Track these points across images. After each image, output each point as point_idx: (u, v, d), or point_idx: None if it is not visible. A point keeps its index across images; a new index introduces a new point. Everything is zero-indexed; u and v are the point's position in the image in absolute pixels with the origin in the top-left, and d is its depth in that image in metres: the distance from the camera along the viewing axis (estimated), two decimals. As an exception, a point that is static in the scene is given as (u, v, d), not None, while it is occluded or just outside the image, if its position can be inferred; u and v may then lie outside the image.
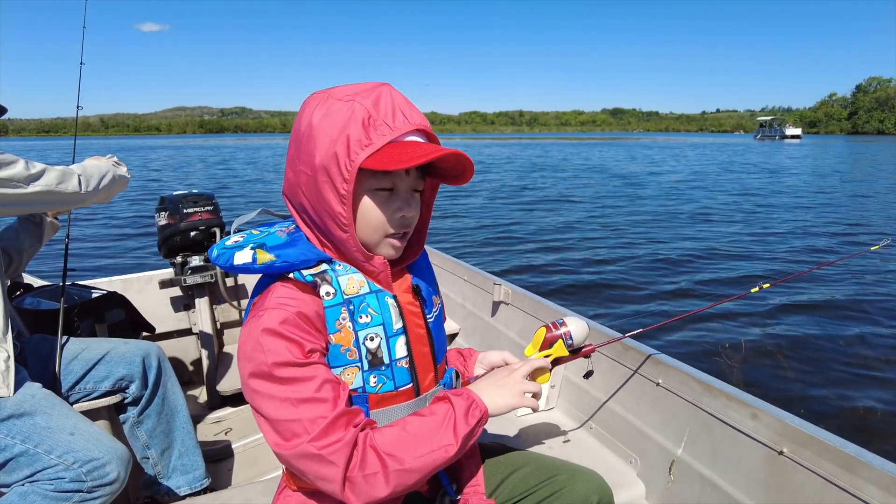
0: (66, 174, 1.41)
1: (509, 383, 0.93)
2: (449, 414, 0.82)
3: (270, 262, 0.79)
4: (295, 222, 0.88)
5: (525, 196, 14.26)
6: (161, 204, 2.37)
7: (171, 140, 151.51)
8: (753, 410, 1.14)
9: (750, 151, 43.92)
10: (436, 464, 0.79)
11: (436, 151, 0.77)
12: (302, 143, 0.79)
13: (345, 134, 0.75)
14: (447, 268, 2.66)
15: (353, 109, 0.76)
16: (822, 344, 4.13)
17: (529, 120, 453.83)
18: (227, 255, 0.81)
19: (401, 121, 0.78)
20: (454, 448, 0.79)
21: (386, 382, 0.84)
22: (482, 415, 0.85)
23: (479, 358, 1.13)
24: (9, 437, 1.20)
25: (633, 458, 1.42)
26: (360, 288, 0.83)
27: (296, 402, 0.74)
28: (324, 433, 0.74)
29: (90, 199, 1.49)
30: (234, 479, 1.93)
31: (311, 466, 0.74)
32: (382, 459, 0.76)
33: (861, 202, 12.70)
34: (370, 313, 0.83)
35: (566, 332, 1.15)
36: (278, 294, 0.79)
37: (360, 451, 0.76)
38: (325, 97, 0.80)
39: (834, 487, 0.97)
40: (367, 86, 0.80)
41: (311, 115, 0.79)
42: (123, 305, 2.06)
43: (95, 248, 7.99)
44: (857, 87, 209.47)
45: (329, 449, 0.73)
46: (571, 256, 7.21)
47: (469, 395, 0.86)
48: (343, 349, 0.81)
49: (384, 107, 0.77)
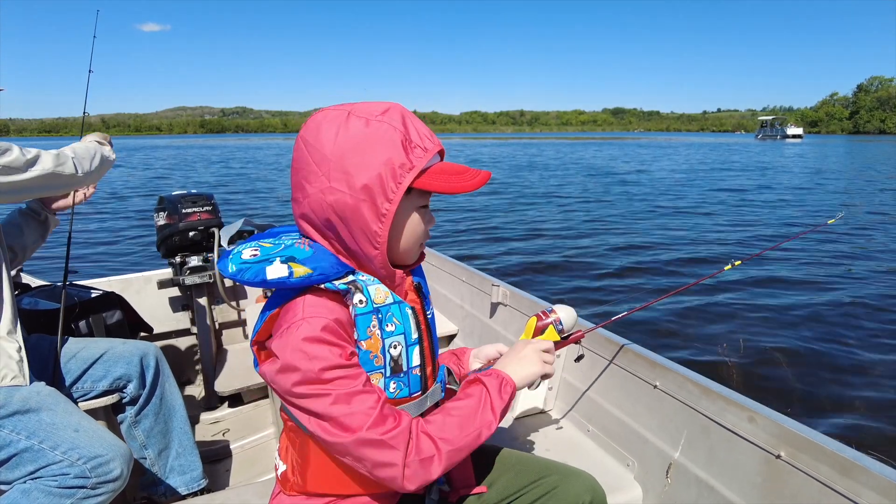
0: (61, 157, 1.40)
1: (529, 354, 1.01)
2: (484, 394, 0.90)
3: (308, 274, 0.79)
4: (298, 234, 0.90)
5: (509, 192, 14.75)
6: (160, 204, 2.37)
7: (171, 140, 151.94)
8: (751, 414, 1.13)
9: (746, 150, 44.22)
10: (480, 440, 0.87)
11: (483, 176, 0.86)
12: (331, 162, 0.79)
13: (387, 156, 0.78)
14: (445, 269, 2.66)
15: (386, 130, 0.79)
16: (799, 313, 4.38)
17: (530, 120, 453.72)
18: (253, 269, 0.79)
19: (429, 143, 0.83)
20: (495, 423, 0.88)
21: (403, 389, 0.88)
22: (512, 389, 0.93)
23: (474, 353, 1.18)
24: (14, 432, 1.21)
25: (630, 461, 1.42)
26: (386, 298, 0.86)
27: (347, 396, 0.77)
28: (381, 420, 0.78)
29: (85, 180, 1.49)
30: (232, 480, 1.93)
31: (372, 453, 0.78)
32: (436, 443, 0.82)
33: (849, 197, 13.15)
34: (394, 322, 0.86)
35: (556, 318, 1.20)
36: (311, 304, 0.80)
37: (414, 437, 0.81)
38: (345, 115, 0.80)
39: (831, 492, 0.97)
40: (381, 105, 0.82)
41: (336, 133, 0.79)
42: (122, 306, 2.06)
43: (94, 248, 8.00)
44: (859, 86, 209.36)
45: (390, 434, 0.78)
46: (549, 250, 7.51)
47: (497, 373, 0.94)
48: (371, 356, 0.84)
49: (412, 129, 0.82)
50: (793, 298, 5.17)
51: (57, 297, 1.76)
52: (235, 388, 2.27)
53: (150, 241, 4.10)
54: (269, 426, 2.20)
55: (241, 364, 2.48)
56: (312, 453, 0.87)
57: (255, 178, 21.18)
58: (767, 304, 4.96)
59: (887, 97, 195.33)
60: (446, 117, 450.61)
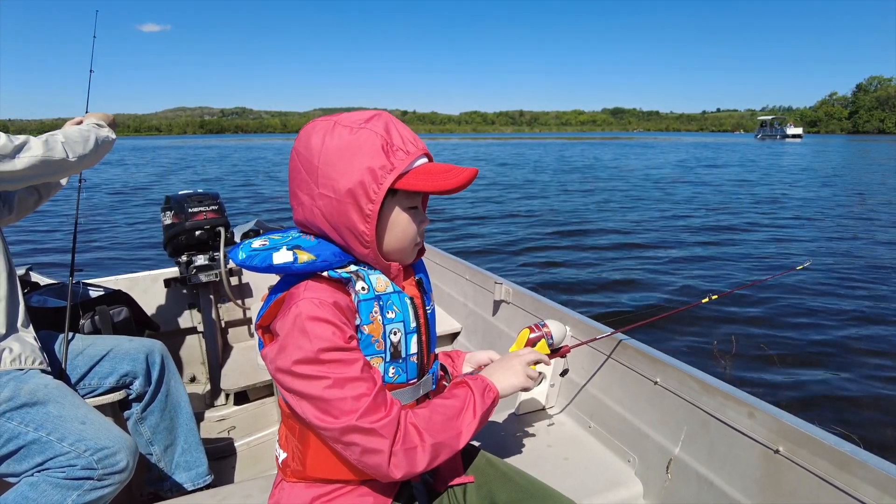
0: (50, 141, 1.40)
1: (515, 366, 1.07)
2: (469, 396, 0.95)
3: (311, 261, 0.84)
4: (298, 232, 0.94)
5: (492, 190, 15.11)
6: (166, 203, 2.39)
7: (171, 140, 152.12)
8: (750, 409, 1.14)
9: (745, 150, 44.23)
10: (460, 440, 0.90)
11: (467, 173, 0.87)
12: (319, 169, 0.83)
13: (368, 159, 0.82)
14: (448, 266, 2.67)
15: (368, 136, 0.83)
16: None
17: (530, 120, 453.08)
18: (261, 255, 0.84)
19: (411, 147, 0.86)
20: (475, 424, 0.92)
21: (401, 374, 0.92)
22: (495, 396, 0.99)
23: (467, 358, 1.23)
24: (22, 424, 1.23)
25: (631, 457, 1.43)
26: (387, 287, 0.90)
27: (343, 381, 0.80)
28: (372, 409, 0.81)
29: (79, 165, 1.49)
30: (237, 477, 1.95)
31: (361, 440, 0.81)
32: (421, 434, 0.85)
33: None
34: (395, 310, 0.90)
35: (547, 332, 1.29)
36: (313, 287, 0.84)
37: (402, 427, 0.84)
38: (331, 125, 0.85)
39: (829, 486, 0.97)
40: (367, 114, 0.86)
41: (322, 142, 0.84)
42: (128, 304, 2.08)
43: (101, 247, 8.02)
44: (858, 86, 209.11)
45: (379, 423, 0.81)
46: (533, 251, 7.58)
47: (483, 379, 0.99)
48: (373, 340, 0.88)
49: (395, 134, 0.85)
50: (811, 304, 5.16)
51: (65, 295, 1.78)
52: (241, 386, 2.29)
53: (157, 240, 4.13)
54: (275, 424, 2.21)
55: (246, 362, 2.50)
56: (312, 440, 0.89)
57: (258, 176, 21.28)
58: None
59: (886, 97, 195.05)
60: (445, 117, 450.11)
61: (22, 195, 1.70)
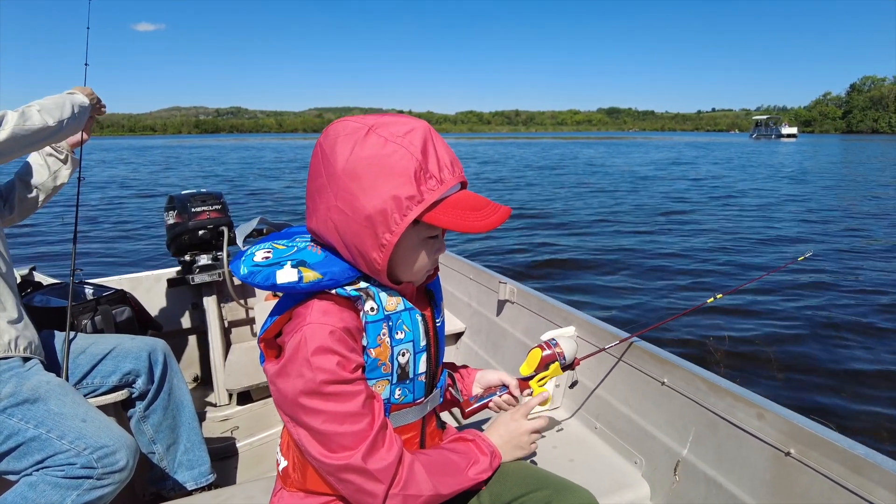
0: (27, 112, 1.40)
1: (524, 443, 1.07)
2: (478, 458, 0.96)
3: (318, 280, 0.78)
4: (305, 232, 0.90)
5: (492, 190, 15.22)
6: (170, 203, 2.38)
7: (166, 140, 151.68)
8: (760, 410, 1.12)
9: (740, 149, 44.53)
10: (459, 492, 0.90)
11: (500, 214, 0.80)
12: (340, 179, 0.75)
13: (396, 185, 0.74)
14: (453, 266, 2.66)
15: (402, 157, 0.74)
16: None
17: (526, 119, 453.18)
18: (264, 273, 0.79)
19: (447, 174, 0.78)
20: (470, 483, 0.92)
21: (407, 395, 0.89)
22: (499, 462, 1.00)
23: (477, 377, 1.20)
24: (23, 421, 1.22)
25: (637, 459, 1.41)
26: (397, 305, 0.86)
27: (343, 416, 0.77)
28: (371, 449, 0.78)
29: (60, 130, 1.48)
30: (240, 477, 1.94)
31: (357, 479, 0.78)
32: (426, 484, 0.84)
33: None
34: (405, 330, 0.86)
35: (559, 352, 1.25)
36: (320, 310, 0.79)
37: (403, 469, 0.82)
38: (364, 131, 0.76)
39: (842, 490, 0.95)
40: (405, 124, 0.77)
41: (351, 150, 0.75)
42: (131, 304, 2.07)
43: (104, 246, 8.00)
44: (852, 86, 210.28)
45: (378, 466, 0.78)
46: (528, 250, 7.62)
47: (493, 451, 1.00)
48: (380, 363, 0.84)
49: (431, 157, 0.76)
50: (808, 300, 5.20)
51: (67, 294, 1.77)
52: (244, 386, 2.28)
53: (160, 239, 4.12)
54: (278, 424, 2.20)
55: (249, 362, 2.49)
56: None
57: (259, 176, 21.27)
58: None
59: (880, 97, 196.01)
60: (442, 117, 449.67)
61: (22, 194, 1.69)
